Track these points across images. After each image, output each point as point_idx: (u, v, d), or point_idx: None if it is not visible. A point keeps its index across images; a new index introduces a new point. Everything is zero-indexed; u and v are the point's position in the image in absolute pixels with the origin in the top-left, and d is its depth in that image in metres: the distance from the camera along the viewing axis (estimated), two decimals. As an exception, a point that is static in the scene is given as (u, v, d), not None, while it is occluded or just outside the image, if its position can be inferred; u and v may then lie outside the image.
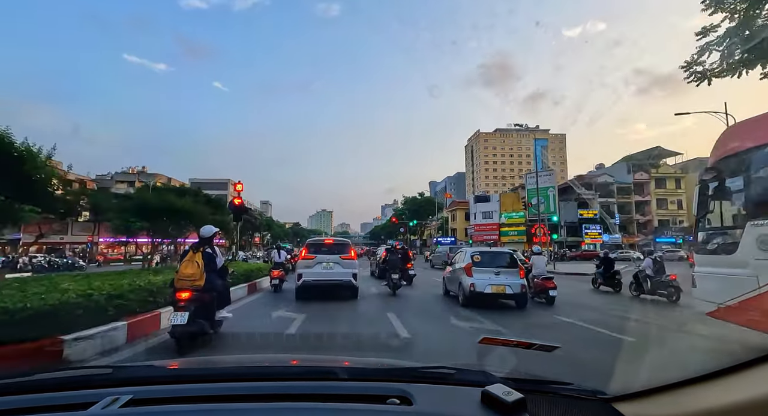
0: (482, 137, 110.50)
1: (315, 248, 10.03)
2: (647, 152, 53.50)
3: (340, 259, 9.71)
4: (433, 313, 8.12)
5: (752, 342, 2.88)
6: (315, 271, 9.53)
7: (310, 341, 5.33)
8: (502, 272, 8.63)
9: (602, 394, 0.95)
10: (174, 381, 1.04)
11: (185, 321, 4.26)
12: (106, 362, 4.00)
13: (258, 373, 1.14)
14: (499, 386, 0.89)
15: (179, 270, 4.78)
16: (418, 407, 0.85)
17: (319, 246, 10.20)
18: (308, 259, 9.70)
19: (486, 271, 8.62)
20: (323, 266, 9.60)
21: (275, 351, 5.04)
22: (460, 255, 9.96)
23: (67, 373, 1.13)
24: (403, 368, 1.21)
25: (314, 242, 10.71)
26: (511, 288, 8.34)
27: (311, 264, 9.59)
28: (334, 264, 9.66)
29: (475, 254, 9.11)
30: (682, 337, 6.39)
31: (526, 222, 50.28)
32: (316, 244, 10.39)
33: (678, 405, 0.78)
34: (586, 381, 1.02)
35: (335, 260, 9.67)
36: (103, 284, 5.49)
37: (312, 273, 9.50)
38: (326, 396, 0.92)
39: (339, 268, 9.64)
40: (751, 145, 4.40)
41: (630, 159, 54.40)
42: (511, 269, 8.78)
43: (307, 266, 9.60)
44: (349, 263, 9.73)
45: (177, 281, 4.69)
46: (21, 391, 0.95)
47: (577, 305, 9.54)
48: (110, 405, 0.84)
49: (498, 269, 8.67)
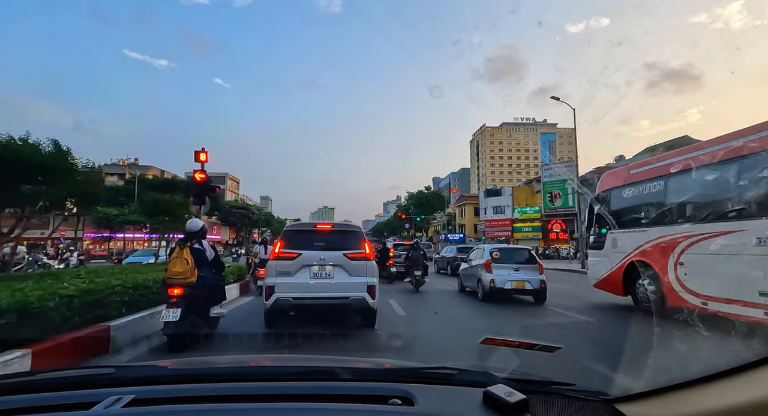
0: (488, 131, 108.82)
1: (299, 239, 5.95)
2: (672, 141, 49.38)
3: (344, 259, 5.75)
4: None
5: (755, 344, 1.41)
6: (298, 282, 5.58)
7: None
8: (521, 268, 8.97)
9: (605, 395, 0.96)
10: (176, 381, 1.04)
11: (177, 317, 4.19)
12: None
13: (260, 373, 1.16)
14: (501, 386, 0.90)
15: (168, 267, 4.74)
16: (419, 407, 0.86)
17: (308, 235, 6.10)
18: (286, 259, 5.68)
19: (505, 267, 8.93)
20: (314, 272, 5.68)
21: (276, 351, 4.84)
22: (477, 252, 10.34)
23: (69, 373, 1.13)
24: (405, 368, 1.22)
25: (298, 228, 6.49)
26: (531, 284, 8.72)
27: (291, 269, 5.63)
28: (333, 268, 5.72)
29: (494, 250, 9.38)
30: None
31: (542, 218, 46.26)
32: (302, 233, 6.19)
33: (681, 406, 0.79)
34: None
35: (336, 260, 5.74)
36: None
37: (292, 285, 5.54)
38: (327, 397, 0.93)
39: (342, 276, 5.70)
40: (607, 187, 8.37)
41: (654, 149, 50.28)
42: (530, 265, 9.11)
43: (284, 272, 5.61)
44: (360, 266, 5.79)
45: (167, 279, 4.65)
46: (22, 391, 0.96)
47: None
48: (112, 405, 0.84)
49: (517, 265, 9.00)
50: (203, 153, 9.71)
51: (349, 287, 5.56)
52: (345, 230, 6.27)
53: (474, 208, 58.05)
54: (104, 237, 38.57)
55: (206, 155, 9.74)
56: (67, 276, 5.93)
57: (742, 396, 0.68)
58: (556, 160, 70.57)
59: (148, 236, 36.17)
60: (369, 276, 5.73)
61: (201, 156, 9.67)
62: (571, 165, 45.13)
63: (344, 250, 5.76)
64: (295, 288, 5.49)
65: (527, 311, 7.97)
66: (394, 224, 66.36)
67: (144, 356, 4.52)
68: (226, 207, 51.76)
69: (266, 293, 5.49)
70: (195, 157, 9.69)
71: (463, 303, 8.97)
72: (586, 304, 8.70)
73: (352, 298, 5.50)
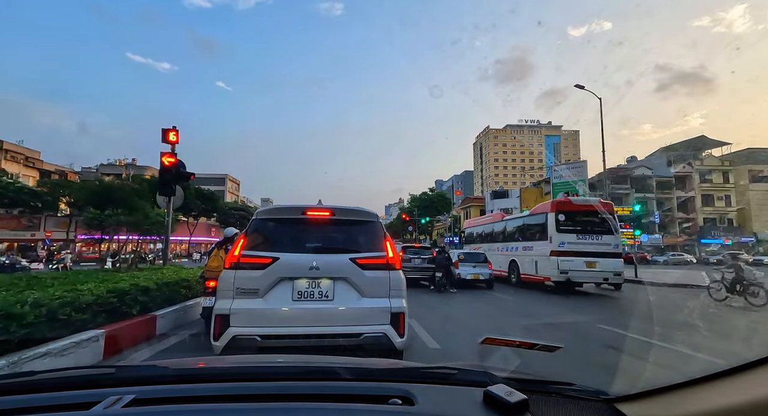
0: (492, 133, 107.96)
1: (276, 234, 3.73)
2: (689, 142, 47.49)
3: (352, 267, 3.53)
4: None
5: (754, 344, 3.15)
6: (271, 308, 3.35)
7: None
8: (478, 265, 13.29)
9: (605, 395, 0.97)
10: (176, 381, 1.04)
11: (212, 304, 3.98)
12: None
13: (260, 373, 1.14)
14: (502, 386, 0.90)
15: (207, 264, 6.12)
16: (420, 407, 0.86)
17: (292, 228, 3.79)
18: (251, 267, 3.44)
19: (468, 265, 13.22)
20: (300, 290, 3.44)
21: (278, 351, 4.67)
22: (452, 254, 13.74)
23: (69, 373, 1.13)
24: (405, 368, 1.22)
25: (274, 216, 3.85)
26: (483, 276, 13.04)
27: (261, 285, 3.39)
28: (333, 282, 3.49)
29: (461, 254, 13.82)
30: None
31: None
32: (281, 223, 3.81)
33: (681, 406, 0.79)
34: None
35: (338, 269, 3.52)
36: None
37: (261, 312, 3.32)
38: (328, 397, 0.93)
39: (349, 297, 3.47)
40: (466, 227, 22.59)
41: (670, 150, 48.22)
42: (484, 263, 13.47)
43: (248, 290, 3.37)
44: (379, 280, 3.55)
45: (206, 272, 5.94)
46: (23, 391, 0.96)
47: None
48: (113, 404, 0.84)
49: (475, 264, 13.29)
50: (173, 132, 7.70)
51: (360, 316, 3.38)
52: (354, 219, 3.85)
53: (480, 210, 56.57)
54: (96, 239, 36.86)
55: (177, 135, 7.76)
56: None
57: (742, 396, 0.69)
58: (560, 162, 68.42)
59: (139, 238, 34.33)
60: (394, 297, 3.51)
61: (170, 135, 7.66)
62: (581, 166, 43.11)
63: (352, 253, 3.58)
64: (265, 319, 3.29)
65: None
66: (397, 227, 64.29)
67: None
68: (225, 208, 50.14)
69: (215, 326, 3.26)
70: (163, 136, 7.73)
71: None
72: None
73: (367, 335, 3.28)
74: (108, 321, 4.52)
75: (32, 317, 3.41)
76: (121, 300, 4.81)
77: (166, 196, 7.64)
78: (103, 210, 13.12)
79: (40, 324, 3.52)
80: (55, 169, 46.94)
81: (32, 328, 3.42)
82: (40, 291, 4.04)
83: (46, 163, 45.68)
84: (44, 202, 34.10)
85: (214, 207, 47.75)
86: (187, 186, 27.20)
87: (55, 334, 3.67)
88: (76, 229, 38.48)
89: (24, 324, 3.33)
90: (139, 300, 5.13)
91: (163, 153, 7.70)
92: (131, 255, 10.75)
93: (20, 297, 3.55)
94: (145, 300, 5.28)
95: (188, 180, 8.25)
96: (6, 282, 4.55)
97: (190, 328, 5.94)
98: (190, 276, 7.04)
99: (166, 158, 7.57)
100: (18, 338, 3.27)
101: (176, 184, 7.72)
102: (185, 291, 6.62)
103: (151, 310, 5.45)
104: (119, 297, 4.77)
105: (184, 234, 46.86)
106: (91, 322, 4.22)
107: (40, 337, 3.51)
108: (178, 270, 7.64)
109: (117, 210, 12.59)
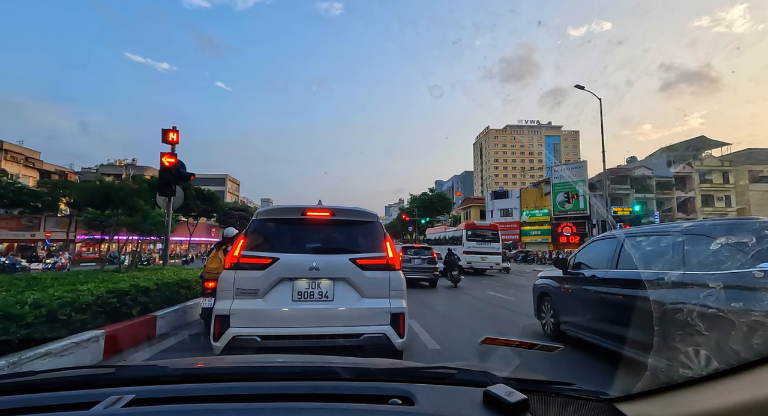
0: (492, 134, 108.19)
1: (276, 234, 3.79)
2: (689, 142, 47.56)
3: (352, 268, 3.59)
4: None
5: (754, 344, 2.13)
6: (271, 308, 3.40)
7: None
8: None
9: (604, 395, 0.97)
10: (176, 380, 1.03)
11: (212, 304, 4.07)
12: None
13: (260, 373, 1.14)
14: (501, 386, 0.90)
15: (206, 265, 5.92)
16: (419, 407, 0.86)
17: (292, 228, 3.86)
18: (251, 268, 3.49)
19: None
20: (299, 291, 3.49)
21: (278, 351, 4.71)
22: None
23: (69, 373, 1.12)
24: (405, 368, 1.22)
25: (274, 216, 3.89)
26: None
27: (261, 285, 3.44)
28: (333, 283, 3.56)
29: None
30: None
31: (552, 221, 44.15)
32: (282, 223, 3.86)
33: (680, 406, 0.79)
34: None
35: (338, 270, 3.58)
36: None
37: (262, 313, 3.37)
38: (328, 396, 0.93)
39: (349, 297, 3.53)
40: (428, 233, 35.59)
41: (669, 150, 48.25)
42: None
43: (248, 291, 3.42)
44: (379, 280, 3.61)
45: (205, 274, 5.78)
46: (23, 391, 0.96)
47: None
48: (113, 404, 0.84)
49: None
50: (173, 132, 7.75)
51: (360, 316, 3.44)
52: (354, 220, 3.92)
53: (480, 210, 56.55)
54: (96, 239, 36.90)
55: (177, 135, 7.80)
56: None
57: (742, 396, 0.69)
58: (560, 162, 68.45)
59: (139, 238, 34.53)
60: (394, 298, 3.57)
61: (170, 136, 7.72)
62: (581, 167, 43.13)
63: (352, 253, 3.65)
64: (265, 320, 3.34)
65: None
66: (397, 227, 64.30)
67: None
68: (225, 208, 50.15)
69: (215, 327, 3.32)
70: (163, 137, 7.76)
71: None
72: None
73: (367, 336, 3.34)
74: (108, 321, 4.54)
75: (32, 317, 3.43)
76: (121, 301, 4.83)
77: (166, 197, 7.70)
78: (103, 211, 13.33)
79: (40, 324, 3.53)
80: (55, 170, 46.99)
81: (32, 329, 3.44)
82: (40, 291, 4.05)
83: (45, 163, 45.74)
84: (44, 202, 34.18)
85: (214, 207, 47.81)
86: (187, 186, 27.33)
87: (55, 334, 3.68)
88: (76, 230, 38.54)
89: (24, 324, 3.35)
90: (139, 300, 5.18)
91: (163, 153, 7.77)
92: (128, 255, 10.85)
93: (20, 298, 3.56)
94: (145, 300, 5.33)
95: (188, 180, 8.31)
96: (6, 282, 4.55)
97: (190, 328, 5.98)
98: (190, 277, 7.10)
99: (166, 158, 7.66)
100: (18, 338, 3.29)
101: (176, 184, 7.77)
102: (185, 291, 6.68)
103: (151, 311, 5.47)
104: (119, 298, 4.79)
105: (184, 234, 46.96)
106: (91, 323, 4.24)
107: (40, 337, 3.53)
108: (178, 270, 7.67)
109: (117, 211, 12.85)
